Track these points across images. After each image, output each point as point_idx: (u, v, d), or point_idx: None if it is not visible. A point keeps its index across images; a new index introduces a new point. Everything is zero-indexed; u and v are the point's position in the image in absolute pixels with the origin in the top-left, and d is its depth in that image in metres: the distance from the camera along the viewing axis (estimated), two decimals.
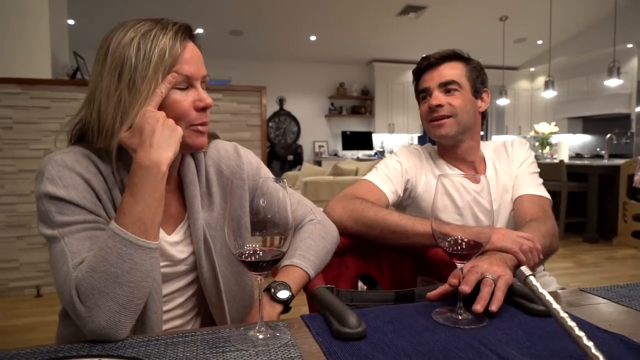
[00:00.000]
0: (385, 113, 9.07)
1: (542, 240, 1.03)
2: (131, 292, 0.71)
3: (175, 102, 0.81)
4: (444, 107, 1.25)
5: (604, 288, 0.91)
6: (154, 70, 0.78)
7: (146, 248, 0.72)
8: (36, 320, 2.72)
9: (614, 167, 4.82)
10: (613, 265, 4.07)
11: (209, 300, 0.94)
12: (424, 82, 1.30)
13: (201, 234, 0.91)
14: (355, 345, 0.65)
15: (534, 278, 0.59)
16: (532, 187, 1.28)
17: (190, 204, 0.91)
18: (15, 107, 3.07)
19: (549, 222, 1.15)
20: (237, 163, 0.99)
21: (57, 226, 0.76)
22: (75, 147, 0.84)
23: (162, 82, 0.79)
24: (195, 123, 0.84)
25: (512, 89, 9.26)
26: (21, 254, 3.15)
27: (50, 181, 0.77)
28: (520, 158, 1.35)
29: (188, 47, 0.83)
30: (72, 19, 6.02)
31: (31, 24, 3.43)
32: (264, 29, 7.37)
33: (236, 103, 3.56)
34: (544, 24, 6.97)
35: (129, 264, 0.70)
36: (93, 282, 0.69)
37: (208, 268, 0.92)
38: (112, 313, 0.69)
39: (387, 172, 1.30)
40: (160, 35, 0.79)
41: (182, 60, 0.81)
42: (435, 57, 1.29)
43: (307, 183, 4.67)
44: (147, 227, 0.73)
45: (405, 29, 7.61)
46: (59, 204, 0.76)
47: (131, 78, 0.78)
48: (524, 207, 1.23)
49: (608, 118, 7.79)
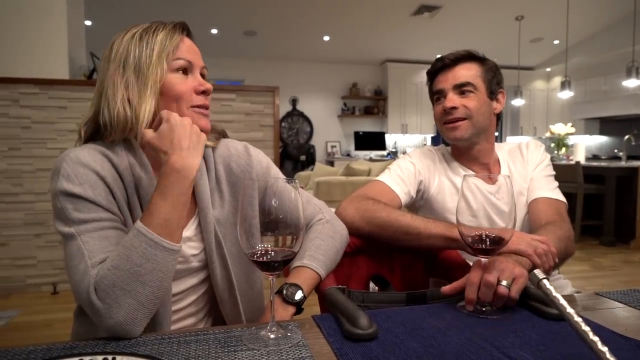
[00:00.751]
0: (398, 113, 9.03)
1: (557, 244, 1.02)
2: (152, 291, 0.72)
3: (176, 84, 0.86)
4: (458, 110, 1.24)
5: (621, 292, 0.89)
6: (158, 56, 0.84)
7: (170, 250, 0.74)
8: (52, 317, 2.77)
9: (632, 169, 4.72)
10: (630, 268, 3.99)
11: (220, 298, 0.95)
12: (438, 83, 1.29)
13: (212, 230, 0.92)
14: (366, 346, 0.65)
15: (548, 281, 0.58)
16: (548, 190, 1.27)
17: (200, 199, 0.92)
18: (34, 107, 3.13)
19: (565, 226, 1.14)
20: (247, 162, 1.00)
21: (74, 223, 0.77)
22: (90, 144, 0.86)
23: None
24: (196, 104, 0.88)
25: (527, 89, 9.15)
26: (39, 251, 3.21)
27: (67, 178, 0.78)
28: (535, 160, 1.34)
29: (186, 39, 0.90)
30: (89, 20, 6.11)
31: (49, 26, 3.49)
32: (278, 29, 7.39)
33: (249, 103, 3.58)
34: (560, 24, 6.87)
35: (152, 264, 0.72)
36: (115, 280, 0.70)
37: (219, 264, 0.93)
38: (131, 310, 0.70)
39: (400, 173, 1.30)
40: (160, 28, 0.87)
41: (182, 47, 0.88)
42: (450, 58, 1.28)
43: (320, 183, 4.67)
44: (172, 229, 0.75)
45: (419, 29, 7.57)
46: (75, 201, 0.77)
47: (136, 65, 0.84)
48: (539, 211, 1.22)
49: (626, 119, 7.64)
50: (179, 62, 0.87)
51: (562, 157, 6.42)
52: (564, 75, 6.75)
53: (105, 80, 0.86)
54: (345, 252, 1.07)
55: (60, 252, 3.22)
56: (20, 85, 3.11)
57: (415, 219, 1.09)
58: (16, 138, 3.12)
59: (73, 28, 3.72)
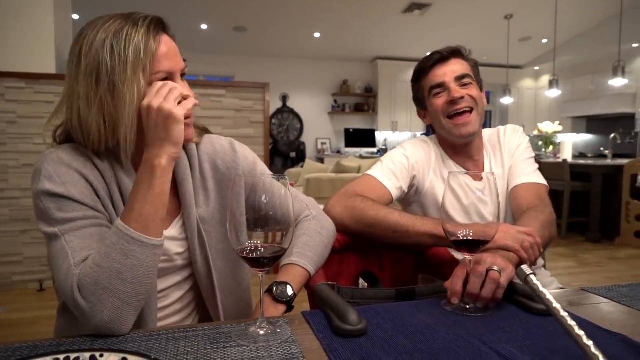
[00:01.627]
0: (388, 111, 9.05)
1: (541, 231, 1.03)
2: (134, 288, 0.71)
3: None
4: (464, 99, 1.23)
5: (606, 288, 0.91)
6: (133, 71, 0.77)
7: (149, 245, 0.72)
8: (39, 314, 2.74)
9: (617, 167, 4.80)
10: (615, 265, 4.06)
11: (205, 295, 0.94)
12: (436, 77, 1.26)
13: (195, 229, 0.91)
14: (355, 342, 0.65)
15: (535, 277, 0.59)
16: (527, 175, 1.26)
17: (184, 198, 0.91)
18: (20, 101, 3.08)
19: (547, 210, 1.14)
20: (232, 158, 0.98)
21: (57, 223, 0.76)
22: (69, 145, 0.84)
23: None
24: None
25: (516, 87, 9.23)
26: (25, 248, 3.17)
27: (48, 179, 0.77)
28: (513, 146, 1.33)
29: (162, 40, 0.81)
30: (77, 14, 6.02)
31: (36, 19, 3.44)
32: (268, 25, 7.36)
33: (239, 99, 3.56)
34: (549, 23, 6.94)
35: (132, 261, 0.71)
36: (97, 278, 0.69)
37: (202, 262, 0.92)
38: (115, 309, 0.69)
39: (393, 167, 1.27)
40: (132, 33, 0.77)
41: (159, 56, 0.80)
42: (447, 52, 1.27)
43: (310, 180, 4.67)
44: (148, 224, 0.73)
45: (409, 27, 7.58)
46: (58, 200, 0.76)
47: (110, 81, 0.77)
48: (520, 197, 1.21)
49: (612, 118, 7.75)
50: (158, 76, 0.80)
51: (550, 155, 6.49)
52: (552, 74, 6.82)
53: (75, 94, 0.80)
54: (335, 249, 1.06)
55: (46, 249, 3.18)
56: (6, 80, 3.06)
57: (403, 217, 1.09)
58: (2, 133, 3.07)
59: (60, 22, 3.67)
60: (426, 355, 0.61)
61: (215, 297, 0.94)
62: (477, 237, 0.79)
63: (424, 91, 1.32)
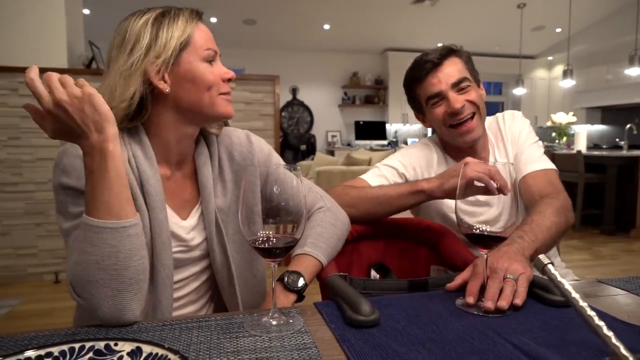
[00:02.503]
0: (399, 103, 8.97)
1: (555, 217, 1.00)
2: (119, 273, 0.70)
3: (207, 73, 0.86)
4: (465, 107, 1.19)
5: (622, 279, 0.89)
6: (176, 41, 0.84)
7: (117, 228, 0.70)
8: (54, 305, 2.78)
9: (633, 158, 4.71)
10: (631, 257, 4.00)
11: (221, 285, 0.95)
12: (431, 86, 1.21)
13: (213, 218, 0.92)
14: (368, 332, 0.64)
15: (553, 266, 0.58)
16: (534, 162, 1.22)
17: (203, 188, 0.92)
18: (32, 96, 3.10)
19: (561, 196, 1.10)
20: (248, 149, 0.99)
21: (71, 217, 0.78)
22: None
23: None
24: (224, 92, 0.90)
25: (529, 78, 9.08)
26: (40, 240, 3.22)
27: (65, 172, 0.79)
28: (514, 133, 1.29)
29: (203, 27, 0.90)
30: (88, 9, 6.06)
31: (47, 14, 3.46)
32: (278, 18, 7.33)
33: (249, 92, 3.56)
34: (563, 11, 6.80)
35: (106, 248, 0.69)
36: (80, 274, 0.70)
37: (220, 252, 0.93)
38: (110, 298, 0.69)
39: (385, 171, 1.28)
40: (179, 15, 0.86)
41: (205, 36, 0.88)
42: (436, 57, 1.20)
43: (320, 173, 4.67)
44: (111, 208, 0.70)
45: (420, 17, 7.49)
46: (73, 194, 0.78)
47: (156, 50, 0.83)
48: (530, 186, 1.18)
49: (628, 108, 7.60)
50: (207, 53, 0.87)
51: (563, 146, 6.40)
52: (566, 63, 6.71)
53: (112, 69, 0.84)
54: (347, 240, 1.06)
55: (61, 241, 3.21)
56: (18, 75, 3.09)
57: (382, 187, 1.16)
58: (16, 127, 3.11)
59: (71, 17, 3.68)
60: (439, 346, 0.60)
61: (233, 286, 0.94)
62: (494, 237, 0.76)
63: (420, 99, 1.27)
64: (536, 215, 1.01)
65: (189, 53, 0.85)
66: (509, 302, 0.73)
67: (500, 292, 0.75)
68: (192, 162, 0.95)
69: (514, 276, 0.77)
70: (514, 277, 0.77)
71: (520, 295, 0.74)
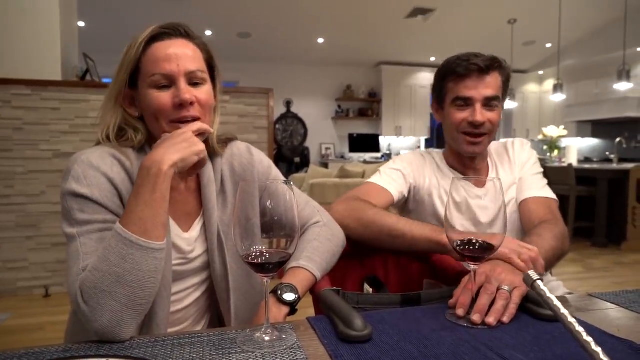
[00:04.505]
0: (392, 116, 9.05)
1: (554, 242, 1.02)
2: (134, 292, 0.71)
3: (152, 100, 0.85)
4: (485, 125, 1.20)
5: (613, 293, 0.90)
6: (124, 70, 0.87)
7: (147, 248, 0.73)
8: (44, 320, 2.74)
9: (623, 172, 4.77)
10: (622, 270, 4.02)
11: (220, 297, 0.95)
12: (466, 89, 1.19)
13: (215, 231, 0.92)
14: (361, 348, 0.65)
15: (542, 282, 0.59)
16: (537, 189, 1.26)
17: (207, 201, 0.93)
18: (26, 108, 3.10)
19: (559, 224, 1.13)
20: (249, 161, 1.01)
21: (77, 224, 0.78)
22: (103, 147, 0.87)
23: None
24: (173, 119, 0.85)
25: (520, 92, 9.21)
26: (30, 253, 3.18)
27: (76, 180, 0.80)
28: (522, 160, 1.33)
29: (160, 46, 0.85)
30: (83, 21, 6.08)
31: (42, 26, 3.46)
32: (272, 31, 7.39)
33: (243, 105, 3.57)
34: (553, 27, 6.92)
35: (130, 264, 0.71)
36: (95, 282, 0.70)
37: (220, 265, 0.93)
38: (115, 312, 0.69)
39: (391, 174, 1.29)
40: (139, 38, 0.86)
41: (155, 60, 0.85)
42: (485, 64, 1.17)
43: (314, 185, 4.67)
44: (147, 227, 0.73)
45: (413, 32, 7.59)
46: (82, 202, 0.79)
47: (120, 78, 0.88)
48: (531, 211, 1.21)
49: (618, 122, 7.71)
50: (153, 79, 0.84)
51: (555, 160, 6.46)
52: (556, 78, 6.81)
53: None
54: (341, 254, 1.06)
55: (52, 254, 3.20)
56: (12, 87, 3.08)
57: (400, 220, 1.08)
58: (8, 139, 3.09)
59: (66, 29, 3.69)
60: None
61: (229, 299, 0.94)
62: (482, 246, 0.76)
63: (446, 93, 1.25)
64: (535, 237, 1.03)
65: (141, 79, 0.87)
66: (497, 318, 0.73)
67: (493, 304, 0.75)
68: (196, 176, 0.96)
69: (509, 288, 0.77)
70: (509, 289, 0.77)
71: (509, 313, 0.74)
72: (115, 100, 0.89)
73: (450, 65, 1.22)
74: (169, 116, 0.85)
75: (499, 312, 0.74)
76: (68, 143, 3.15)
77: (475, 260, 0.77)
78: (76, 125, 3.17)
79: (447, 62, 1.23)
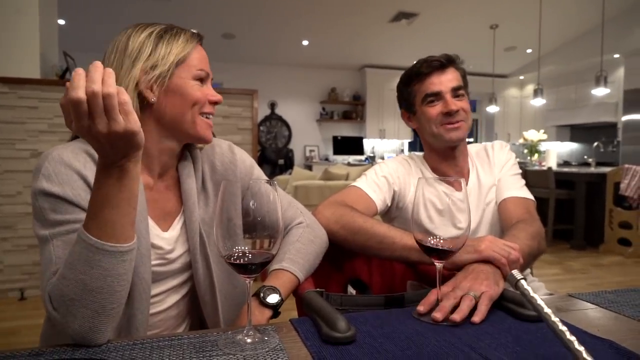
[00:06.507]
0: (376, 118, 9.09)
1: (529, 241, 1.04)
2: (103, 297, 0.67)
3: (195, 90, 0.87)
4: (459, 112, 1.25)
5: (592, 294, 0.91)
6: (174, 57, 0.85)
7: (115, 252, 0.67)
8: (19, 323, 2.67)
9: (600, 175, 4.87)
10: (600, 271, 4.11)
11: (202, 299, 0.93)
12: (433, 85, 1.26)
13: (197, 229, 0.91)
14: (344, 349, 0.64)
15: (525, 282, 0.59)
16: (515, 190, 1.28)
17: (187, 198, 0.91)
18: (2, 106, 3.02)
19: (535, 224, 1.15)
20: (230, 160, 1.00)
21: (50, 225, 0.75)
22: (76, 142, 0.83)
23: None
24: (206, 112, 0.89)
25: (501, 96, 9.35)
26: (5, 255, 3.10)
27: (47, 178, 0.76)
28: (501, 161, 1.35)
29: (201, 49, 0.92)
30: (63, 19, 5.96)
31: (21, 23, 3.38)
32: (256, 32, 7.36)
33: (227, 106, 3.54)
34: (533, 33, 7.06)
35: (97, 270, 0.66)
36: (63, 290, 0.67)
37: (202, 264, 0.91)
38: (85, 319, 0.66)
39: (377, 180, 1.29)
40: (181, 34, 0.89)
41: (201, 58, 0.90)
42: (444, 59, 1.26)
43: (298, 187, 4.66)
44: (115, 230, 0.67)
45: (397, 36, 7.65)
46: (54, 201, 0.75)
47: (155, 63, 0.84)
48: (509, 210, 1.23)
49: (595, 126, 7.89)
50: (200, 73, 0.88)
51: (535, 163, 6.58)
52: (536, 83, 6.93)
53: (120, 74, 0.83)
54: (324, 256, 1.06)
55: (28, 256, 3.11)
56: None
57: (390, 229, 1.07)
58: None
59: (45, 27, 3.62)
60: None
61: (215, 299, 0.93)
62: (445, 246, 0.79)
63: (415, 95, 1.31)
64: (510, 237, 1.04)
65: (182, 69, 0.87)
66: (463, 317, 0.74)
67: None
68: (175, 173, 0.94)
69: (474, 294, 0.79)
70: (476, 294, 0.79)
71: (480, 313, 0.75)
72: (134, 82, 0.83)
73: (412, 69, 1.30)
74: (204, 108, 0.89)
75: (464, 311, 0.75)
76: (46, 143, 3.08)
77: (440, 258, 0.79)
78: (55, 125, 3.10)
79: (408, 69, 1.32)
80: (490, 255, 0.90)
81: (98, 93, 0.58)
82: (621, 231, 4.65)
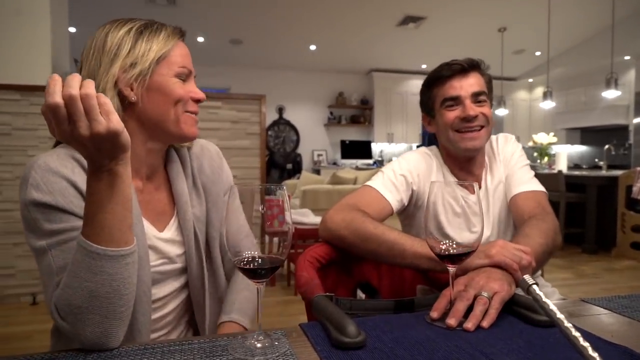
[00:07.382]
0: (384, 122, 9.09)
1: (542, 239, 1.01)
2: (111, 302, 0.67)
3: (177, 88, 0.85)
4: (478, 117, 1.21)
5: (605, 299, 0.90)
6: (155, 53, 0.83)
7: (117, 257, 0.67)
8: (32, 328, 2.69)
9: (612, 178, 4.82)
10: (612, 276, 4.05)
11: (194, 300, 0.94)
12: (452, 89, 1.22)
13: (191, 228, 0.91)
14: (354, 354, 0.64)
15: (537, 287, 0.58)
16: (524, 184, 1.24)
17: (179, 197, 0.92)
18: (14, 113, 3.07)
19: (548, 218, 1.11)
20: (219, 165, 1.02)
21: (46, 235, 0.74)
22: (59, 149, 0.82)
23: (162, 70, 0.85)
24: (189, 110, 0.88)
25: (510, 99, 9.30)
26: (18, 261, 3.13)
27: (35, 187, 0.74)
28: (507, 155, 1.32)
29: (183, 45, 0.90)
30: (74, 27, 6.04)
31: (32, 31, 3.43)
32: (264, 38, 7.41)
33: (236, 111, 3.56)
34: (542, 36, 7.02)
35: (102, 276, 0.66)
36: (69, 299, 0.67)
37: (197, 263, 0.92)
38: (97, 324, 0.66)
39: (393, 179, 1.25)
40: (162, 29, 0.87)
41: (183, 55, 0.88)
42: (467, 63, 1.23)
43: (306, 192, 4.67)
44: (113, 235, 0.66)
45: (404, 39, 7.65)
46: (46, 211, 0.74)
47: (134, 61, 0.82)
48: (520, 206, 1.19)
49: (606, 129, 7.82)
50: (182, 70, 0.87)
51: (545, 166, 6.52)
52: (545, 86, 6.89)
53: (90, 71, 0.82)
54: (333, 260, 1.06)
55: None
56: (1, 91, 3.05)
57: (402, 236, 1.04)
58: None
59: (57, 34, 3.67)
60: None
61: (204, 303, 0.94)
62: (459, 251, 0.78)
63: (434, 99, 1.28)
64: (522, 237, 1.01)
65: (163, 66, 0.85)
66: (476, 323, 0.73)
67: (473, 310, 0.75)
68: (164, 173, 0.95)
69: (488, 294, 0.77)
70: (488, 295, 0.77)
71: (490, 317, 0.74)
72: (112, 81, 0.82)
73: (434, 72, 1.27)
74: (187, 107, 0.88)
75: (477, 318, 0.73)
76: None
77: (453, 263, 0.78)
78: None
79: (431, 72, 1.29)
80: (502, 261, 0.87)
81: (76, 96, 0.58)
82: (634, 235, 4.58)
